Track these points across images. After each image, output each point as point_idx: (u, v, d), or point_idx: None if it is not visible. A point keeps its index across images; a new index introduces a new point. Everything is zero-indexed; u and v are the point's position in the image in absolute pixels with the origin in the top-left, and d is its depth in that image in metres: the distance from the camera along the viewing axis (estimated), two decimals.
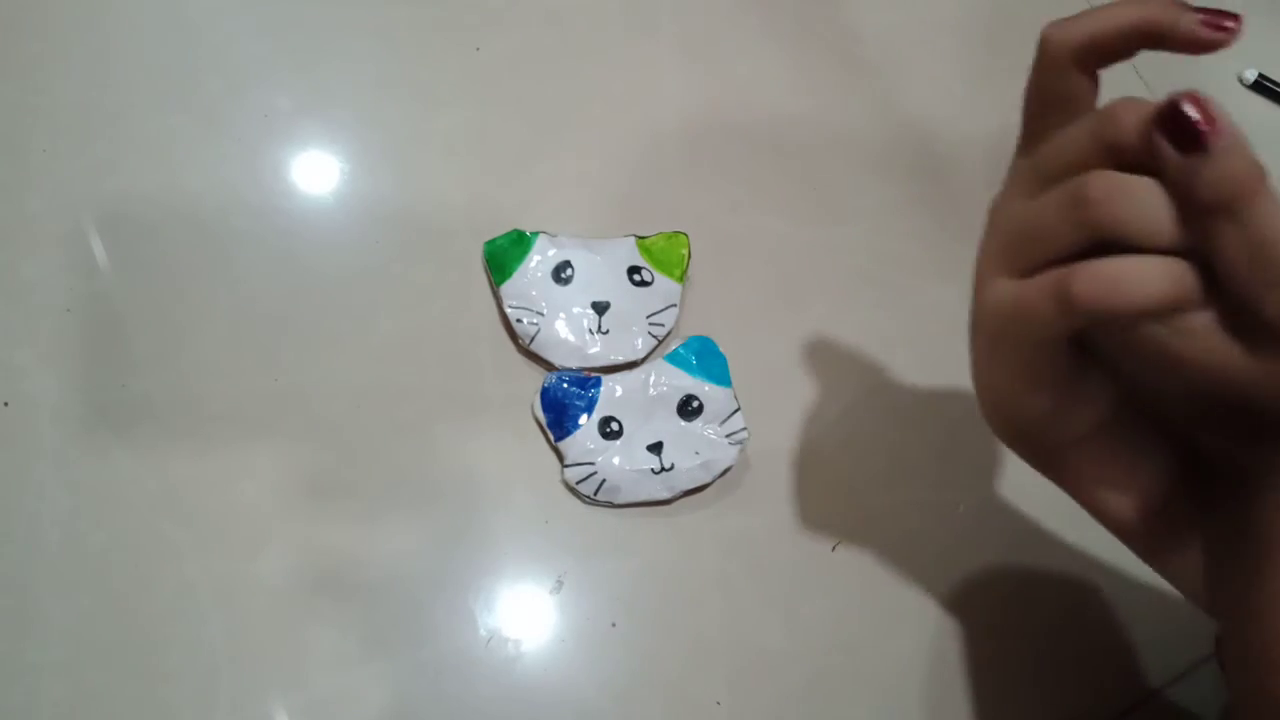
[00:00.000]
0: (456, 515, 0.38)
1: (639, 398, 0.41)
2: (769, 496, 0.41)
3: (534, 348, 0.41)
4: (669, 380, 0.41)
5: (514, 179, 0.46)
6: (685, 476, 0.40)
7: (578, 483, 0.39)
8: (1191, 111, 0.22)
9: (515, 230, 0.43)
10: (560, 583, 0.38)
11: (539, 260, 0.42)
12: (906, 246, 0.47)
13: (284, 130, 0.46)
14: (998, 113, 0.55)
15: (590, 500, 0.39)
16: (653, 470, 0.39)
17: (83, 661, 0.34)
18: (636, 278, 0.43)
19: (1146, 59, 0.24)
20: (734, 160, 0.49)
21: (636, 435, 0.40)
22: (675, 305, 0.43)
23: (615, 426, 0.40)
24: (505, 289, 0.42)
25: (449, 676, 0.36)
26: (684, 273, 0.44)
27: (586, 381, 0.41)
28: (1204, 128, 0.22)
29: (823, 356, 0.44)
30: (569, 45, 0.51)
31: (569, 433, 0.40)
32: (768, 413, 0.43)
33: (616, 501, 0.39)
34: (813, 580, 0.40)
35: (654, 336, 0.42)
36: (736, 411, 0.41)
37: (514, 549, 0.38)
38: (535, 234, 0.43)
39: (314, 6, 0.49)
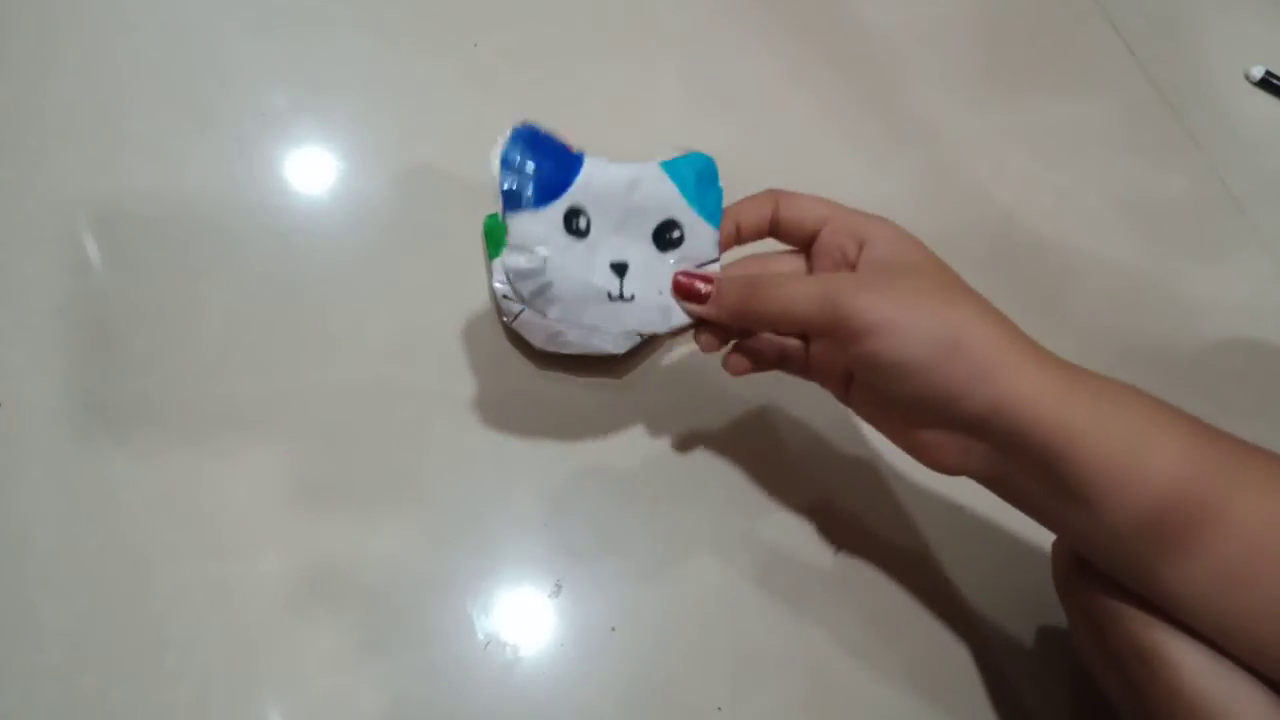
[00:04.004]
0: (454, 517, 0.38)
1: (617, 199, 0.33)
2: (769, 498, 0.41)
3: (516, 326, 0.40)
4: (657, 192, 0.34)
5: None
6: (640, 315, 0.33)
7: (516, 276, 0.32)
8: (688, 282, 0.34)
9: None
10: (559, 586, 0.38)
11: None
12: None
13: (280, 129, 0.46)
14: (999, 110, 0.55)
15: (519, 308, 0.33)
16: (609, 295, 0.33)
17: (79, 663, 0.34)
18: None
19: (1150, 61, 0.24)
20: (734, 161, 0.49)
21: (602, 245, 0.33)
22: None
23: (583, 224, 0.32)
24: (495, 265, 0.41)
25: (446, 681, 0.35)
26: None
27: (568, 155, 0.33)
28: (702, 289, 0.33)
29: None
30: (568, 42, 0.51)
31: (524, 207, 0.32)
32: (769, 413, 0.43)
33: (549, 316, 0.32)
34: (813, 582, 0.39)
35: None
36: (714, 263, 0.35)
37: (512, 552, 0.38)
38: None
39: (309, 4, 0.49)
